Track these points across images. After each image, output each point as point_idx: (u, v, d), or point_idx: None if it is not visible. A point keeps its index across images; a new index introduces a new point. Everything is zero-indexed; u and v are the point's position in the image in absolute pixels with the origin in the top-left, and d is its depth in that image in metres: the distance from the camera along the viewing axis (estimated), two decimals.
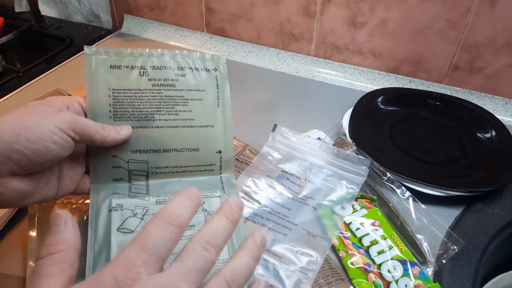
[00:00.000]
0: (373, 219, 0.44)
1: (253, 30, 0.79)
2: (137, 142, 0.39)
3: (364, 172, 0.48)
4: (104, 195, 0.38)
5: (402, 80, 0.71)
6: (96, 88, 0.38)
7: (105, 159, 0.38)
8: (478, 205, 0.49)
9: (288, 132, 0.53)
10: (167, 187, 0.40)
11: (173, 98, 0.40)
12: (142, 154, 0.39)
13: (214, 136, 0.42)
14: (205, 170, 0.42)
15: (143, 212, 0.38)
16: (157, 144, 0.40)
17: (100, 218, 0.36)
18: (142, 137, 0.39)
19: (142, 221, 0.37)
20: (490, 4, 0.59)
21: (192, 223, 0.37)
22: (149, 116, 0.39)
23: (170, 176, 0.41)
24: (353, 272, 0.40)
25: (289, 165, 0.50)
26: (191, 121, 0.41)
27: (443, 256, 0.42)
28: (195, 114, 0.41)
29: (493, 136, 0.57)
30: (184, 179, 0.41)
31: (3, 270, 0.40)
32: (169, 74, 0.40)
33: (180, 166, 0.41)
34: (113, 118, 0.38)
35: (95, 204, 0.37)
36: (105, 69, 0.38)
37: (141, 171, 0.40)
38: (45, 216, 0.44)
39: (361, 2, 0.66)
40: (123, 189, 0.39)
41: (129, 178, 0.39)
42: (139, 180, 0.40)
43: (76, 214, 0.44)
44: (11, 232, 0.44)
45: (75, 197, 0.46)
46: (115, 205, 0.37)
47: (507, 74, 0.64)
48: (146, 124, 0.39)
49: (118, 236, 0.35)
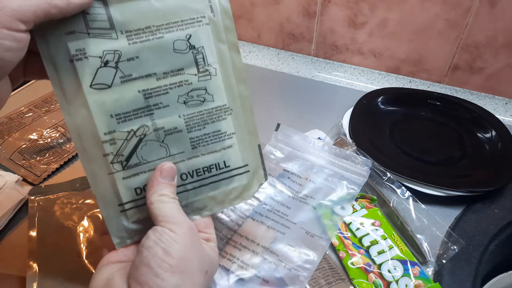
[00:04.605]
0: (373, 219, 0.44)
1: (253, 30, 0.79)
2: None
3: (365, 173, 0.48)
4: (54, 38, 0.28)
5: (402, 80, 0.71)
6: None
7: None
8: (478, 205, 0.49)
9: (291, 131, 0.53)
10: (136, 13, 0.29)
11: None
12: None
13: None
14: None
15: (115, 59, 0.29)
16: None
17: (62, 76, 0.28)
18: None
19: (118, 70, 0.29)
20: (490, 4, 0.59)
21: (180, 67, 0.30)
22: None
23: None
24: (353, 272, 0.40)
25: (291, 164, 0.50)
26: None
27: (443, 256, 0.42)
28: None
29: (493, 136, 0.57)
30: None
31: (3, 270, 0.40)
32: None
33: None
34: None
35: (47, 53, 0.28)
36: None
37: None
38: (45, 216, 0.44)
39: (361, 2, 0.66)
40: (77, 25, 0.28)
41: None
42: (95, 7, 0.28)
43: (76, 214, 0.44)
44: (11, 232, 0.44)
45: (75, 197, 0.46)
46: (76, 51, 0.28)
47: (507, 74, 0.64)
48: None
49: (94, 95, 0.29)
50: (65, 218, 0.43)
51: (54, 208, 0.44)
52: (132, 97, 0.30)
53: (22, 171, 0.51)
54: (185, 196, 0.33)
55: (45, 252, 0.40)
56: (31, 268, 0.38)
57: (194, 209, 0.33)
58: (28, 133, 0.57)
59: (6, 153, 0.53)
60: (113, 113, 0.29)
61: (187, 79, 0.31)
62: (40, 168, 0.52)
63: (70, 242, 0.41)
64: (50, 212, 0.44)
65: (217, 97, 0.32)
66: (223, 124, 0.33)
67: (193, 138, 0.32)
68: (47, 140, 0.56)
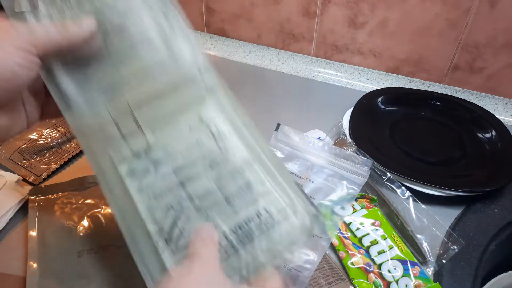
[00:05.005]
0: (373, 219, 0.44)
1: (253, 30, 0.79)
2: (111, 90, 0.34)
3: (365, 173, 0.48)
4: (106, 164, 0.33)
5: (402, 80, 0.71)
6: None
7: (90, 125, 0.34)
8: (478, 205, 0.49)
9: (291, 131, 0.53)
10: (154, 113, 0.34)
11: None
12: (117, 90, 0.34)
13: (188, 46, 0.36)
14: (185, 82, 0.36)
15: (145, 150, 0.34)
16: (132, 81, 0.34)
17: (107, 175, 0.33)
18: (111, 70, 0.34)
19: (149, 159, 0.33)
20: (490, 4, 0.59)
21: (198, 139, 0.34)
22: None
23: (152, 102, 0.35)
24: (354, 272, 0.40)
25: (291, 164, 0.50)
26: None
27: (443, 256, 0.42)
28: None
29: (493, 136, 0.57)
30: (168, 101, 0.35)
31: (3, 270, 0.40)
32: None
33: (159, 89, 0.35)
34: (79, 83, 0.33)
35: (104, 177, 0.33)
36: None
37: (124, 113, 0.34)
38: (45, 216, 0.44)
39: (361, 2, 0.66)
40: (114, 140, 0.33)
41: (118, 128, 0.34)
42: (126, 124, 0.34)
43: (76, 214, 0.44)
44: (11, 232, 0.44)
45: (75, 197, 0.46)
46: (125, 173, 0.33)
47: (507, 74, 0.64)
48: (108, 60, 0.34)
49: (133, 181, 0.33)
50: (65, 218, 0.43)
51: (54, 208, 0.44)
52: (166, 176, 0.33)
53: (22, 171, 0.51)
54: (237, 258, 0.31)
55: (45, 252, 0.40)
56: (31, 268, 0.38)
57: (253, 268, 0.32)
58: (28, 133, 0.56)
59: (6, 153, 0.53)
60: (151, 194, 0.33)
61: (207, 147, 0.35)
62: (40, 168, 0.52)
63: (70, 242, 0.41)
64: (50, 212, 0.44)
65: (238, 153, 0.34)
66: (252, 174, 0.34)
67: (227, 194, 0.33)
68: (47, 140, 0.56)
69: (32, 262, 0.39)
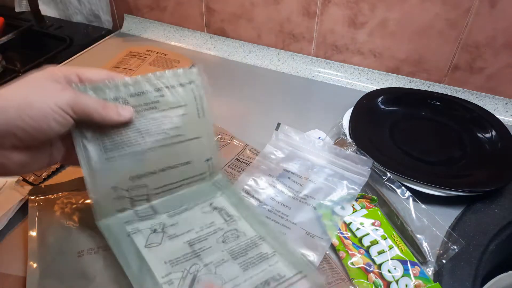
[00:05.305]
0: (373, 219, 0.44)
1: (253, 30, 0.79)
2: (133, 168, 0.39)
3: (366, 173, 0.48)
4: (116, 228, 0.39)
5: (402, 80, 0.71)
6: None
7: (105, 193, 0.38)
8: (478, 205, 0.49)
9: (291, 131, 0.53)
10: (170, 202, 0.42)
11: (158, 119, 0.40)
12: (140, 179, 0.40)
13: (202, 146, 0.43)
14: (198, 180, 0.44)
15: (161, 227, 0.40)
16: (152, 166, 0.40)
17: (123, 246, 0.37)
18: (137, 162, 0.39)
19: (164, 233, 0.39)
20: (490, 4, 0.59)
21: (211, 221, 0.41)
22: (140, 141, 0.39)
23: (169, 193, 0.43)
24: (354, 272, 0.40)
25: (291, 164, 0.50)
26: (180, 137, 0.41)
27: (443, 256, 0.42)
28: (182, 129, 0.41)
29: (493, 136, 0.57)
30: (182, 191, 0.43)
31: (3, 270, 0.40)
32: (148, 98, 0.39)
33: (176, 181, 0.43)
34: (105, 151, 0.37)
35: (112, 237, 0.38)
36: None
37: (141, 195, 0.41)
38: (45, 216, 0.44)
39: (361, 2, 0.66)
40: (130, 217, 0.40)
41: (132, 204, 0.41)
42: (142, 204, 0.41)
43: (76, 214, 0.44)
44: (11, 232, 0.44)
45: (75, 197, 0.46)
46: (131, 230, 0.39)
47: (507, 74, 0.64)
48: (138, 149, 0.39)
49: (149, 253, 0.37)
50: (65, 218, 0.43)
51: (54, 208, 0.44)
52: (180, 247, 0.38)
53: None
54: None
55: (45, 252, 0.40)
56: (31, 268, 0.38)
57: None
58: None
59: None
60: (167, 260, 0.36)
61: (219, 227, 0.40)
62: None
63: (70, 242, 0.41)
64: (50, 212, 0.44)
65: (248, 232, 0.40)
66: (262, 247, 0.39)
67: (241, 263, 0.37)
68: None
69: (32, 262, 0.39)
